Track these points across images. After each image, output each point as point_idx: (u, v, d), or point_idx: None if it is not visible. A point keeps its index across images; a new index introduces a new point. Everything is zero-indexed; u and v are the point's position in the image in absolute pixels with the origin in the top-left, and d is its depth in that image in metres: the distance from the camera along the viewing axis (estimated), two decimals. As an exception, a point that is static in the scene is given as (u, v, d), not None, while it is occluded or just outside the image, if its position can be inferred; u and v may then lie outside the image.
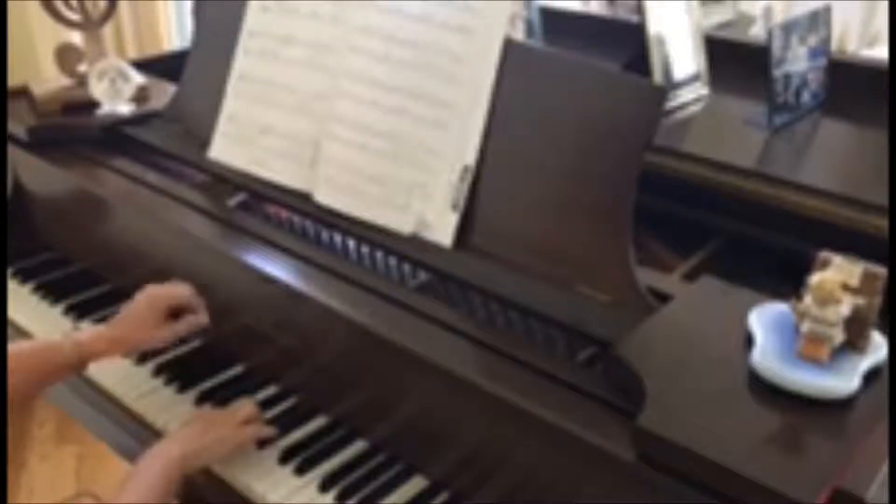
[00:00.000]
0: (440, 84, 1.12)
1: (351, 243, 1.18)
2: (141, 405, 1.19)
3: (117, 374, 1.25)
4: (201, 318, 1.18)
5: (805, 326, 0.82)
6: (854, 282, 0.82)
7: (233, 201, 1.28)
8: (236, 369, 1.24)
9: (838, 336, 0.82)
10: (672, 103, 1.47)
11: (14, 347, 1.10)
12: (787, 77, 1.40)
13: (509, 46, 1.09)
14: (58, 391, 1.31)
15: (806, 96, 1.46)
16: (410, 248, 1.12)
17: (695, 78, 1.53)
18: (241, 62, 1.31)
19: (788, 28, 1.38)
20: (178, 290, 1.18)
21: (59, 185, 1.45)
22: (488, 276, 1.06)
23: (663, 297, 0.98)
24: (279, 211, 1.26)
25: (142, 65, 1.63)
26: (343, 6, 1.21)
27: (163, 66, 1.65)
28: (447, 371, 0.94)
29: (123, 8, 2.48)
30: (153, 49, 2.54)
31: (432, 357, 0.95)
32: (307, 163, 1.23)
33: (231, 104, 1.32)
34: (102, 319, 1.35)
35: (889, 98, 1.37)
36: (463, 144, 1.11)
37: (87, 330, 1.17)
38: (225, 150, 1.32)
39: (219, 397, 1.18)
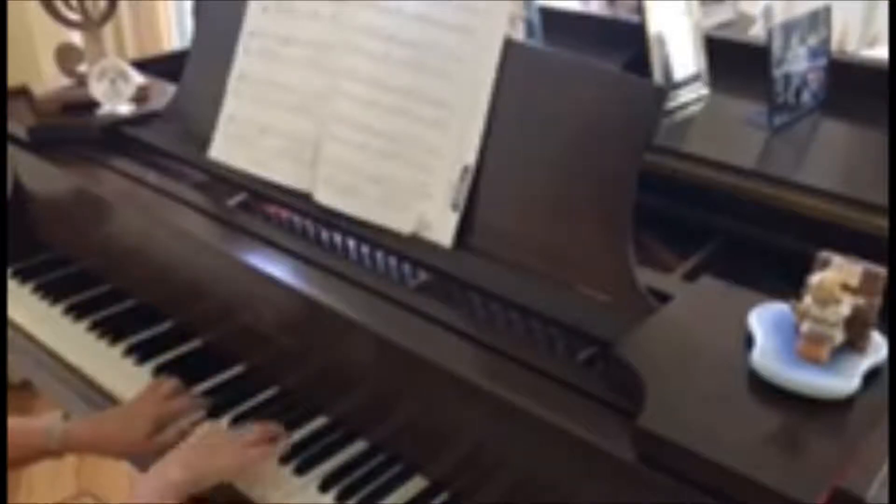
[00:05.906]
0: (440, 84, 1.12)
1: (351, 243, 1.18)
2: (141, 405, 1.19)
3: (117, 374, 1.25)
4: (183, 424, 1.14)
5: (805, 326, 0.82)
6: (854, 282, 0.82)
7: (233, 201, 1.28)
8: (236, 369, 1.24)
9: (838, 336, 0.82)
10: (672, 103, 1.47)
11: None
12: (787, 77, 1.40)
13: (509, 46, 1.09)
14: (58, 391, 1.31)
15: (806, 96, 1.46)
16: (410, 248, 1.12)
17: (695, 78, 1.53)
18: (241, 62, 1.31)
19: (788, 28, 1.38)
20: (176, 407, 1.15)
21: (59, 185, 1.45)
22: (488, 276, 1.05)
23: (663, 297, 0.98)
24: (279, 211, 1.26)
25: (142, 65, 1.63)
26: (343, 6, 1.21)
27: (163, 66, 1.64)
28: (447, 371, 0.94)
29: (123, 8, 2.48)
30: (153, 49, 2.54)
31: (432, 357, 0.95)
32: (307, 163, 1.23)
33: (231, 104, 1.32)
34: (102, 320, 1.35)
35: (889, 98, 1.37)
36: (463, 144, 1.10)
37: (79, 423, 1.15)
38: (225, 149, 1.32)
39: (219, 397, 1.18)
